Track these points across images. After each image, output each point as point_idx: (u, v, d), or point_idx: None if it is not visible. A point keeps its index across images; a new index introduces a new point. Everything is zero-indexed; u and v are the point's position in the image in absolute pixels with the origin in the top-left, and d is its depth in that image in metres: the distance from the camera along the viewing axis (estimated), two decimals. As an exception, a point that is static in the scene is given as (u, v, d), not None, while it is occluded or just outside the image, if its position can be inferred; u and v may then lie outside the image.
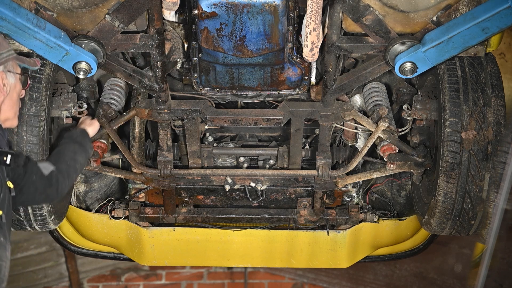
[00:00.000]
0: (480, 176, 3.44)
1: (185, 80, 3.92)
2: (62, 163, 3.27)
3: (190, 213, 4.17)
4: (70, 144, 3.41)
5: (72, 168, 3.32)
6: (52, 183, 3.17)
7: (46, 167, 3.19)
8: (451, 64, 3.49)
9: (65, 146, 3.40)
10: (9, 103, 2.98)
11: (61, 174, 3.22)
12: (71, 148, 3.39)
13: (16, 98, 3.02)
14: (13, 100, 3.00)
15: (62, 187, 3.23)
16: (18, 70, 3.03)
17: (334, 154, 4.04)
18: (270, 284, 7.31)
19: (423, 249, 4.51)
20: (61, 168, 3.25)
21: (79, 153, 3.40)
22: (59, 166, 3.25)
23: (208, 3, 3.19)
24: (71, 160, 3.33)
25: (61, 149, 3.38)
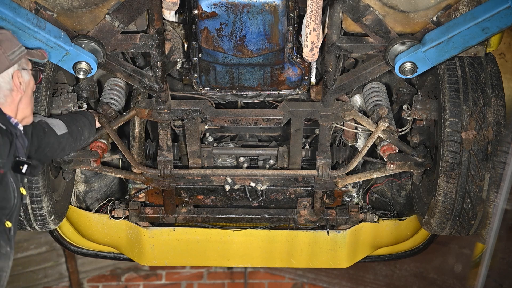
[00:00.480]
0: (480, 176, 3.44)
1: (185, 80, 3.92)
2: (73, 126, 3.43)
3: (190, 213, 4.17)
4: (80, 117, 3.56)
5: (79, 137, 3.47)
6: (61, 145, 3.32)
7: (60, 127, 3.34)
8: (451, 64, 3.49)
9: (79, 116, 3.56)
10: (26, 100, 2.99)
11: (72, 136, 3.39)
12: (82, 120, 3.54)
13: (31, 94, 3.03)
14: (28, 97, 3.00)
15: (68, 148, 3.41)
16: (30, 65, 3.03)
17: (334, 154, 4.04)
18: (270, 284, 7.31)
19: (423, 249, 4.51)
20: (72, 130, 3.41)
21: (87, 127, 3.56)
22: (71, 127, 3.41)
23: (208, 3, 3.19)
24: (80, 129, 3.48)
25: (75, 116, 3.55)
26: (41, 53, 3.12)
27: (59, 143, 3.31)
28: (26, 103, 2.99)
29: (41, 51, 3.13)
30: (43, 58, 3.13)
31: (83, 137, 3.53)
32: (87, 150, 3.73)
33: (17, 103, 2.95)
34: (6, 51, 2.90)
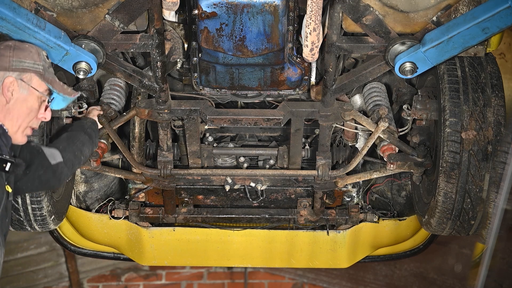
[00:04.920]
0: (480, 176, 3.44)
1: (185, 80, 3.93)
2: (69, 153, 3.31)
3: (190, 213, 4.17)
4: (80, 134, 3.46)
5: (78, 159, 3.39)
6: (56, 174, 3.21)
7: (55, 156, 3.22)
8: (451, 64, 3.49)
9: (76, 134, 3.44)
10: (15, 113, 2.94)
11: (67, 165, 3.27)
12: (81, 139, 3.44)
13: (26, 112, 2.96)
14: (20, 112, 2.95)
15: (64, 177, 3.30)
16: (41, 87, 2.99)
17: (334, 154, 4.04)
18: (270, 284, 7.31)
19: (423, 249, 4.51)
20: (68, 158, 3.29)
21: (87, 145, 3.47)
22: (67, 155, 3.28)
23: (208, 3, 3.19)
24: (78, 151, 3.38)
25: (72, 136, 3.41)
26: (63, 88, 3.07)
27: (54, 171, 3.22)
28: (15, 116, 2.93)
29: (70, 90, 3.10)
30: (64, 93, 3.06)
31: (83, 158, 3.45)
32: (87, 150, 3.73)
33: (3, 110, 2.92)
34: (13, 57, 2.93)
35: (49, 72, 3.05)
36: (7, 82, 2.90)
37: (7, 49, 2.95)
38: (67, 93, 3.07)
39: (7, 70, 2.91)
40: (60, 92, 3.04)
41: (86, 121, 3.58)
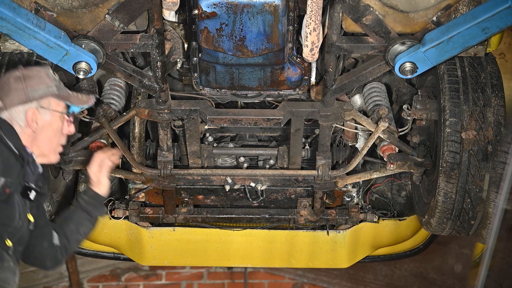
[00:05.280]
0: (480, 176, 3.44)
1: (185, 80, 3.93)
2: (63, 238, 3.29)
3: (190, 213, 4.17)
4: (77, 213, 3.38)
5: (73, 241, 3.33)
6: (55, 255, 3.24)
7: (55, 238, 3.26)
8: (451, 64, 3.49)
9: (73, 214, 3.38)
10: (42, 139, 3.02)
11: (61, 250, 3.28)
12: (77, 219, 3.36)
13: (53, 135, 3.04)
14: (47, 136, 3.03)
15: (59, 260, 3.29)
16: (60, 107, 3.05)
17: (334, 154, 4.04)
18: (270, 284, 7.30)
19: (423, 249, 4.51)
20: (62, 243, 3.29)
21: (85, 224, 3.38)
22: (62, 240, 3.29)
23: (208, 3, 3.19)
24: (73, 234, 3.33)
25: (68, 217, 3.37)
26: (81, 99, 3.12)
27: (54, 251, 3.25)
28: (43, 142, 3.03)
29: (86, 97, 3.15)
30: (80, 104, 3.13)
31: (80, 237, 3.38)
32: (87, 150, 3.73)
33: (30, 138, 3.00)
34: (27, 87, 2.96)
35: (62, 88, 3.09)
36: (30, 114, 2.96)
37: (18, 81, 2.98)
38: (83, 102, 3.14)
39: (26, 102, 2.96)
40: (77, 104, 3.12)
41: (85, 196, 3.43)
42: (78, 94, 3.14)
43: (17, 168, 2.89)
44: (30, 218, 2.97)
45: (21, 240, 2.95)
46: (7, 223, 2.83)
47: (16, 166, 2.89)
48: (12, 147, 2.92)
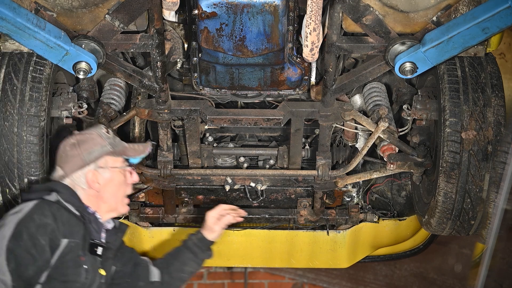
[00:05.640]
0: (480, 176, 3.44)
1: (185, 80, 3.93)
2: (166, 275, 3.53)
3: (190, 213, 4.17)
4: (184, 252, 3.60)
5: (177, 279, 3.57)
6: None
7: (154, 275, 3.50)
8: (451, 64, 3.49)
9: (179, 252, 3.60)
10: (108, 195, 3.20)
11: (163, 286, 3.49)
12: (183, 258, 3.58)
13: (116, 189, 3.22)
14: (111, 192, 3.21)
15: None
16: (118, 162, 3.23)
17: (334, 154, 4.04)
18: (270, 284, 7.30)
19: (423, 249, 4.51)
20: (164, 280, 3.51)
21: (190, 264, 3.59)
22: (164, 277, 3.52)
23: (208, 3, 3.19)
24: (177, 272, 3.56)
25: (174, 255, 3.60)
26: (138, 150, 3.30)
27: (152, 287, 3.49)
28: (108, 198, 3.20)
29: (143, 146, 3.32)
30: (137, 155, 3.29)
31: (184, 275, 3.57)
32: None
33: (95, 197, 3.18)
34: (82, 152, 3.16)
35: (117, 144, 3.26)
36: (90, 177, 3.14)
37: (73, 148, 3.17)
38: (140, 152, 3.32)
39: (84, 166, 3.14)
40: (134, 156, 3.30)
41: (194, 238, 3.64)
42: (134, 145, 3.34)
43: (79, 228, 3.05)
44: (102, 272, 3.14)
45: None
46: (73, 280, 3.00)
47: (78, 227, 3.05)
48: (72, 210, 3.08)
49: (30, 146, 3.37)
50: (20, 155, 3.36)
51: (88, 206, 3.18)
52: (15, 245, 2.89)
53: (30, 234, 2.91)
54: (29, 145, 3.37)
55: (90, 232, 3.13)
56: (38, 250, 2.91)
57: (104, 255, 3.18)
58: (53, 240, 2.95)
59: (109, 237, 3.27)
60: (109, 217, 3.27)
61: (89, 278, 3.06)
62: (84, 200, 3.17)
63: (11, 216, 2.99)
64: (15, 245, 2.89)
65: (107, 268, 3.22)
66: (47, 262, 2.94)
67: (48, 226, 2.95)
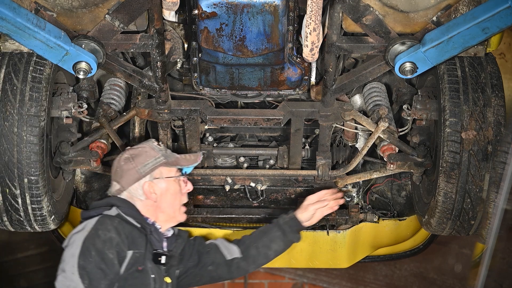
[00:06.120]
0: (480, 176, 3.44)
1: (185, 80, 3.92)
2: (252, 249, 3.55)
3: (190, 213, 4.16)
4: (273, 230, 3.60)
5: (263, 255, 3.56)
6: (231, 269, 3.51)
7: (231, 252, 3.53)
8: (451, 64, 3.49)
9: (268, 229, 3.61)
10: (165, 205, 3.30)
11: (246, 261, 3.52)
12: (272, 234, 3.58)
13: (173, 198, 3.32)
14: (168, 201, 3.31)
15: (242, 272, 3.55)
16: (172, 172, 3.33)
17: (334, 154, 4.04)
18: (270, 284, 7.30)
19: (423, 249, 4.51)
20: (249, 254, 3.54)
21: (277, 242, 3.57)
22: (249, 251, 3.54)
23: (208, 3, 3.19)
24: (264, 247, 3.56)
25: (263, 230, 3.61)
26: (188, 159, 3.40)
27: (228, 266, 3.51)
28: (166, 207, 3.30)
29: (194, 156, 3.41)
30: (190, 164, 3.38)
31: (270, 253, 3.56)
32: (87, 150, 3.73)
33: (153, 208, 3.28)
34: (137, 165, 3.27)
35: (169, 155, 3.36)
36: (146, 188, 3.25)
37: (128, 162, 3.29)
38: (192, 161, 3.41)
39: (140, 178, 3.25)
40: (187, 165, 3.39)
41: (285, 216, 3.64)
42: (185, 155, 3.43)
43: (142, 239, 3.16)
44: (167, 280, 3.24)
45: None
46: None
47: (140, 238, 3.15)
48: (133, 222, 3.18)
49: (30, 146, 3.37)
50: (20, 155, 3.36)
51: (147, 217, 3.27)
52: (86, 262, 2.98)
53: (98, 250, 3.00)
54: (29, 145, 3.37)
55: (152, 242, 3.21)
56: (107, 264, 3.00)
57: (168, 263, 3.26)
58: (120, 253, 3.05)
59: (170, 245, 3.35)
60: (168, 226, 3.36)
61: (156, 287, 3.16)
62: (143, 212, 3.27)
63: (75, 235, 3.09)
64: (86, 262, 2.98)
65: (172, 275, 3.30)
66: (117, 275, 3.04)
67: (113, 240, 3.04)
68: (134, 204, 3.26)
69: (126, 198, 3.27)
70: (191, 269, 3.44)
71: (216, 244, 3.55)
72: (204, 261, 3.47)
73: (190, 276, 3.45)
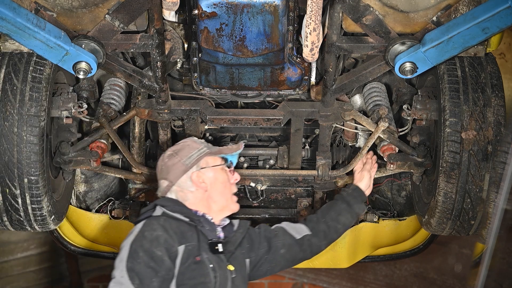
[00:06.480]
0: (480, 176, 3.44)
1: (185, 80, 3.92)
2: (321, 224, 3.51)
3: (190, 213, 4.16)
4: (337, 203, 3.59)
5: (333, 229, 3.51)
6: (303, 247, 3.45)
7: (299, 231, 3.47)
8: (451, 64, 3.49)
9: (333, 204, 3.59)
10: (215, 194, 3.27)
11: (317, 237, 3.48)
12: (337, 208, 3.57)
13: (223, 187, 3.29)
14: (219, 190, 3.28)
15: (316, 249, 3.49)
16: (217, 161, 3.31)
17: (334, 154, 4.04)
18: (270, 284, 7.30)
19: (423, 249, 4.51)
20: (319, 229, 3.49)
21: (344, 214, 3.55)
22: (318, 227, 3.49)
23: (208, 3, 3.19)
24: (333, 221, 3.52)
25: (329, 205, 3.60)
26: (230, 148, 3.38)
27: (300, 245, 3.44)
28: (217, 196, 3.27)
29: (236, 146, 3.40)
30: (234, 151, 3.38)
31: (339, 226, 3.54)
32: (87, 150, 3.73)
33: (205, 198, 3.25)
34: (182, 158, 3.25)
35: (211, 147, 3.35)
36: (195, 178, 3.23)
37: (172, 157, 3.27)
38: (235, 149, 3.39)
39: (187, 170, 3.23)
40: (230, 153, 3.37)
41: (347, 189, 3.64)
42: (228, 145, 3.45)
43: (192, 232, 3.13)
44: (230, 268, 3.20)
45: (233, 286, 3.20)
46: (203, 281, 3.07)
47: (190, 231, 3.13)
48: (180, 217, 3.17)
49: (30, 146, 3.37)
50: (20, 155, 3.36)
51: (196, 210, 3.24)
52: (134, 264, 2.99)
53: (145, 250, 3.00)
54: (29, 145, 3.37)
55: (205, 233, 3.19)
56: (157, 262, 2.99)
57: (226, 250, 3.22)
58: (169, 249, 3.03)
59: (227, 232, 3.32)
60: (222, 216, 3.32)
61: (218, 277, 3.11)
62: (194, 205, 3.25)
63: (124, 241, 3.09)
64: (134, 263, 2.99)
65: (236, 263, 3.25)
66: (169, 271, 3.02)
67: (160, 238, 3.04)
68: (186, 198, 3.24)
69: (177, 193, 3.25)
70: (264, 256, 3.40)
71: (282, 227, 3.50)
72: (274, 245, 3.41)
73: (265, 263, 3.41)
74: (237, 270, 3.23)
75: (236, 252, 3.27)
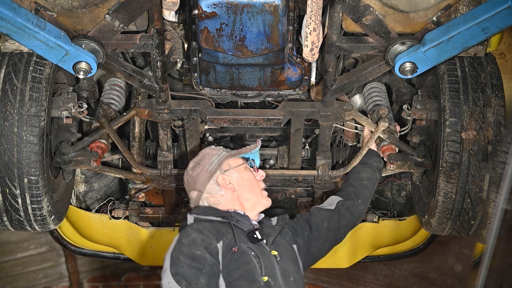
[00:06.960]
0: (480, 176, 3.44)
1: (185, 80, 3.93)
2: (347, 187, 3.64)
3: (190, 213, 4.16)
4: (353, 167, 3.73)
5: (359, 186, 3.62)
6: (341, 213, 3.52)
7: (332, 202, 3.57)
8: (451, 64, 3.49)
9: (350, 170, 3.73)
10: (244, 192, 3.34)
11: (350, 199, 3.57)
12: (355, 169, 3.71)
13: (250, 185, 3.36)
14: (247, 188, 3.35)
15: (355, 209, 3.56)
16: (239, 161, 3.40)
17: (334, 154, 4.04)
18: (270, 284, 7.29)
19: (423, 249, 4.51)
20: (347, 192, 3.60)
21: (363, 170, 3.68)
22: (346, 190, 3.62)
23: (208, 3, 3.19)
24: (355, 180, 3.64)
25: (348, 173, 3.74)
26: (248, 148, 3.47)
27: (338, 213, 3.51)
28: (246, 194, 3.34)
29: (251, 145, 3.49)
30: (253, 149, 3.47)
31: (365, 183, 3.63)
32: (87, 150, 3.73)
33: (236, 198, 3.32)
34: (204, 166, 3.34)
35: (229, 150, 3.45)
36: (220, 181, 3.31)
37: (195, 168, 3.37)
38: (253, 147, 3.48)
39: (211, 176, 3.32)
40: (250, 151, 3.46)
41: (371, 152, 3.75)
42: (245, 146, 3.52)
43: (227, 228, 3.20)
44: (274, 253, 3.23)
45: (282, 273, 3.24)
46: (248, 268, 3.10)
47: (225, 228, 3.19)
48: (211, 218, 3.24)
49: (30, 146, 3.37)
50: (20, 155, 3.36)
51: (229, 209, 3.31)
52: (177, 268, 3.04)
53: (185, 254, 3.05)
54: (29, 145, 3.37)
55: (240, 225, 3.24)
56: (199, 261, 3.04)
57: (265, 236, 3.25)
58: (209, 247, 3.08)
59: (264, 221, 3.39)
60: (256, 212, 3.37)
61: (262, 262, 3.14)
62: (227, 206, 3.31)
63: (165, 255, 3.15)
64: (177, 268, 3.04)
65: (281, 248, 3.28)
66: (213, 266, 3.06)
67: (197, 240, 3.08)
68: (218, 202, 3.31)
69: (208, 200, 3.33)
70: (309, 236, 3.44)
71: (315, 206, 3.58)
72: (315, 222, 3.46)
73: (314, 242, 3.45)
74: (283, 254, 3.27)
75: (277, 240, 3.31)
